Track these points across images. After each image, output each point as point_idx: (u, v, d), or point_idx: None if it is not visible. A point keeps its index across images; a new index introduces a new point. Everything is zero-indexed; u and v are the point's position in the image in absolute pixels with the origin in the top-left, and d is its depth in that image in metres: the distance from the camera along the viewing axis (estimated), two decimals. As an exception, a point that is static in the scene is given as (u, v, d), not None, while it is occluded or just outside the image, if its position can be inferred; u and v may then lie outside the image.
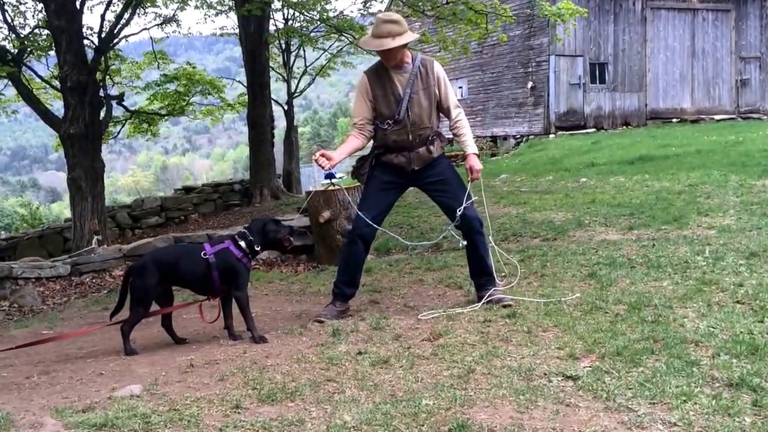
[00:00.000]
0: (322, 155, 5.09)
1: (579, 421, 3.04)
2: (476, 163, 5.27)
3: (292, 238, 5.13)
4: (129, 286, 4.91)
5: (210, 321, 5.03)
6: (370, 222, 5.16)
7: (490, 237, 5.68)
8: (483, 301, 5.12)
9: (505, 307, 5.00)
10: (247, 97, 19.11)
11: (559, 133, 23.74)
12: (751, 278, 5.27)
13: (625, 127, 24.75)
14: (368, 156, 5.36)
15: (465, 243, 5.23)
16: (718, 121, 24.36)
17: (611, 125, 24.76)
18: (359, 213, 5.22)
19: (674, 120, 25.03)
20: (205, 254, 4.81)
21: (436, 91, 5.18)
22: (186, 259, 4.90)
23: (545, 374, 3.61)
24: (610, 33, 24.78)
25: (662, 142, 17.77)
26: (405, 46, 5.06)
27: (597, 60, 24.73)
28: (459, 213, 5.13)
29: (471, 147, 5.29)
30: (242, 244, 4.85)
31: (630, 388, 3.35)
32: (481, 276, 5.32)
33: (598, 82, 24.83)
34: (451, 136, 5.69)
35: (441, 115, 5.34)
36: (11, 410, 3.44)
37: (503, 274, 5.94)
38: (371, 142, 5.39)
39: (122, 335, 4.81)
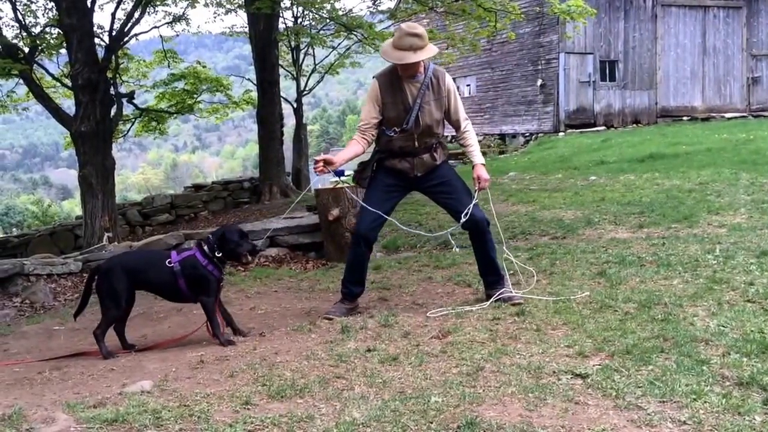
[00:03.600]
0: (323, 161, 5.08)
1: (588, 419, 3.04)
2: (484, 173, 5.30)
3: (250, 257, 5.08)
4: (96, 289, 4.84)
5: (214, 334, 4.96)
6: (379, 213, 5.17)
7: (504, 246, 5.68)
8: (492, 300, 5.12)
9: (514, 305, 5.00)
10: (253, 94, 19.14)
11: (569, 131, 23.69)
12: (762, 277, 5.26)
13: (635, 125, 24.67)
14: (370, 160, 5.37)
15: (458, 249, 5.24)
16: (729, 119, 24.24)
17: (621, 123, 24.68)
18: (364, 205, 5.22)
19: (685, 118, 24.93)
20: (170, 262, 4.75)
21: (446, 103, 5.21)
22: (153, 266, 4.84)
23: (554, 372, 3.61)
24: (620, 30, 24.70)
25: (673, 140, 17.70)
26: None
27: (607, 57, 24.65)
28: (464, 218, 5.14)
29: (478, 157, 5.34)
30: (206, 249, 4.80)
31: (639, 387, 3.34)
32: (491, 274, 5.34)
33: (608, 79, 24.77)
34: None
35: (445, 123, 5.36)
36: (24, 405, 3.46)
37: (511, 272, 5.93)
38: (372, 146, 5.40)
39: (96, 339, 4.72)
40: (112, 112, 13.10)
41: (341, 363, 3.95)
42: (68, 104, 15.28)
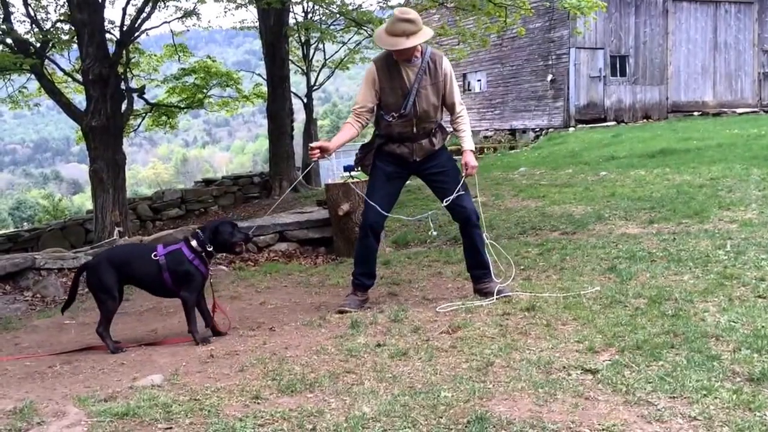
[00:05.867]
0: (319, 147, 5.07)
1: (598, 415, 3.04)
2: (472, 160, 5.27)
3: (244, 245, 5.09)
4: (88, 286, 4.80)
5: (227, 328, 4.98)
6: (381, 211, 5.19)
7: (485, 233, 5.66)
8: (495, 298, 5.09)
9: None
10: (263, 89, 19.15)
11: (579, 126, 23.61)
12: (773, 273, 5.23)
13: (645, 120, 24.58)
14: (371, 146, 5.37)
15: (435, 234, 5.28)
16: (740, 114, 24.13)
17: (632, 118, 24.59)
18: (368, 201, 5.24)
19: (696, 113, 24.82)
20: (155, 255, 4.72)
21: (443, 87, 5.19)
22: (138, 260, 4.81)
23: (564, 367, 3.61)
24: (631, 25, 24.59)
25: (683, 135, 17.62)
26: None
27: (618, 52, 24.56)
28: (446, 203, 5.20)
29: (468, 143, 5.31)
30: (194, 244, 4.77)
31: (650, 382, 3.34)
32: (478, 268, 5.37)
33: (618, 74, 24.67)
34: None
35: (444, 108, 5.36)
36: (35, 399, 3.48)
37: (513, 268, 5.92)
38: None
39: (101, 336, 4.69)
40: (123, 106, 13.15)
41: (351, 358, 3.96)
42: (79, 99, 15.37)
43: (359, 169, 5.62)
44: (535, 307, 4.74)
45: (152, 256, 4.73)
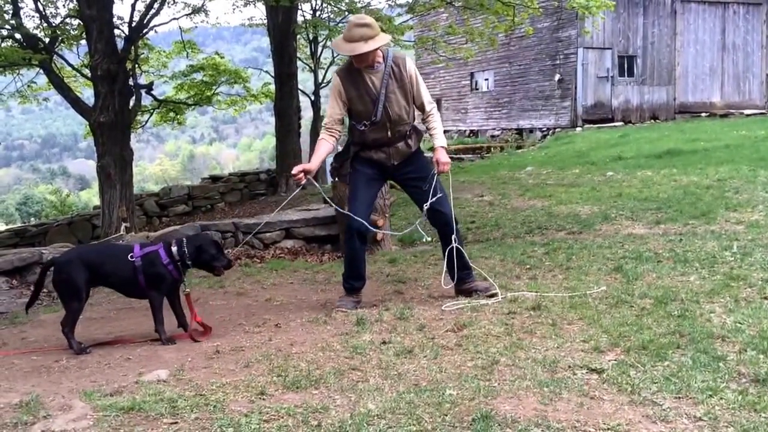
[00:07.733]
0: (302, 171, 5.08)
1: (603, 414, 3.04)
2: (443, 156, 5.24)
3: (223, 269, 4.94)
4: (54, 282, 4.72)
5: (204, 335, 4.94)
6: (367, 205, 5.26)
7: (454, 237, 5.62)
8: (500, 297, 5.09)
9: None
10: (271, 86, 19.18)
11: (586, 126, 23.58)
12: (780, 274, 5.22)
13: (653, 120, 24.54)
14: (346, 154, 5.36)
15: (429, 239, 5.30)
16: (748, 115, 24.05)
17: (639, 119, 24.54)
18: (350, 214, 5.22)
19: (703, 114, 24.76)
20: (131, 256, 4.65)
21: (410, 89, 5.17)
22: (112, 260, 4.72)
23: (570, 367, 3.61)
24: (639, 26, 24.55)
25: (691, 136, 17.59)
26: (377, 49, 5.02)
27: (626, 53, 24.52)
28: (426, 207, 5.18)
29: (440, 140, 5.28)
30: (174, 250, 4.69)
31: (655, 382, 3.34)
32: (461, 270, 5.35)
33: (626, 75, 24.63)
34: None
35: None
36: (41, 393, 3.50)
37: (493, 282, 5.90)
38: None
39: (65, 336, 4.59)
40: (131, 102, 13.18)
41: (356, 355, 3.96)
42: (87, 95, 15.40)
43: (337, 179, 5.62)
44: (541, 307, 4.74)
45: (128, 257, 4.65)
